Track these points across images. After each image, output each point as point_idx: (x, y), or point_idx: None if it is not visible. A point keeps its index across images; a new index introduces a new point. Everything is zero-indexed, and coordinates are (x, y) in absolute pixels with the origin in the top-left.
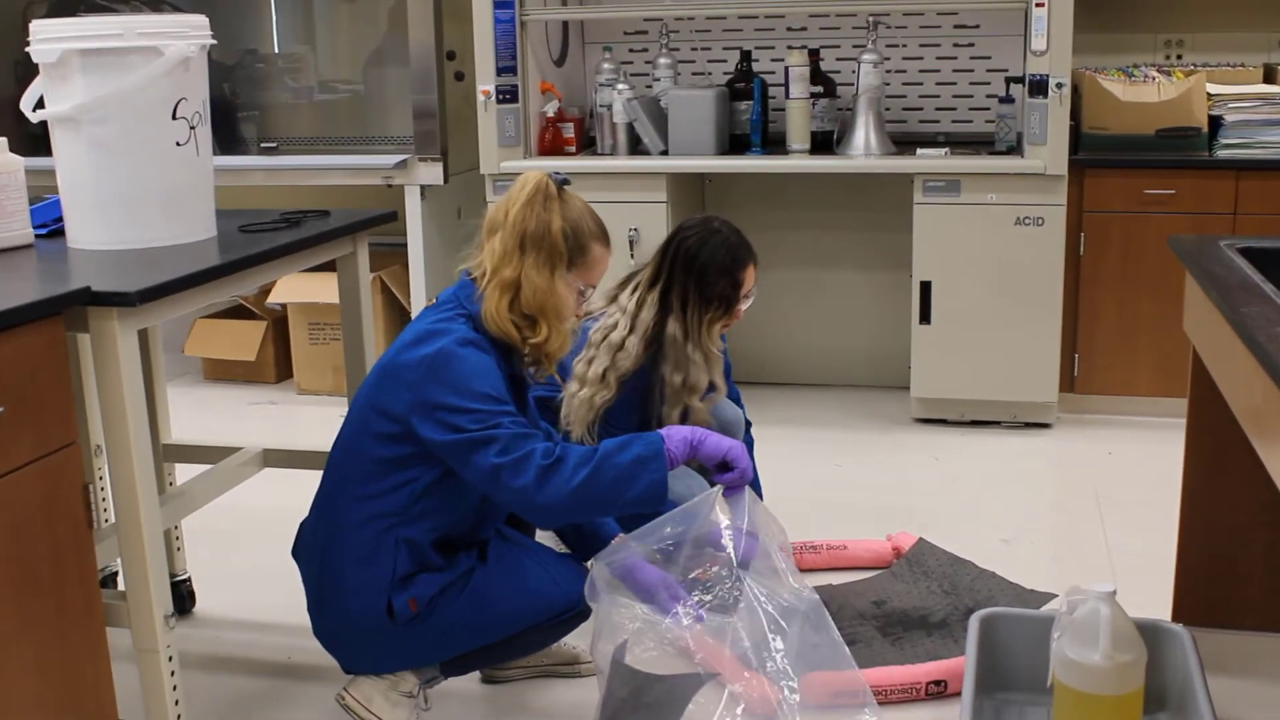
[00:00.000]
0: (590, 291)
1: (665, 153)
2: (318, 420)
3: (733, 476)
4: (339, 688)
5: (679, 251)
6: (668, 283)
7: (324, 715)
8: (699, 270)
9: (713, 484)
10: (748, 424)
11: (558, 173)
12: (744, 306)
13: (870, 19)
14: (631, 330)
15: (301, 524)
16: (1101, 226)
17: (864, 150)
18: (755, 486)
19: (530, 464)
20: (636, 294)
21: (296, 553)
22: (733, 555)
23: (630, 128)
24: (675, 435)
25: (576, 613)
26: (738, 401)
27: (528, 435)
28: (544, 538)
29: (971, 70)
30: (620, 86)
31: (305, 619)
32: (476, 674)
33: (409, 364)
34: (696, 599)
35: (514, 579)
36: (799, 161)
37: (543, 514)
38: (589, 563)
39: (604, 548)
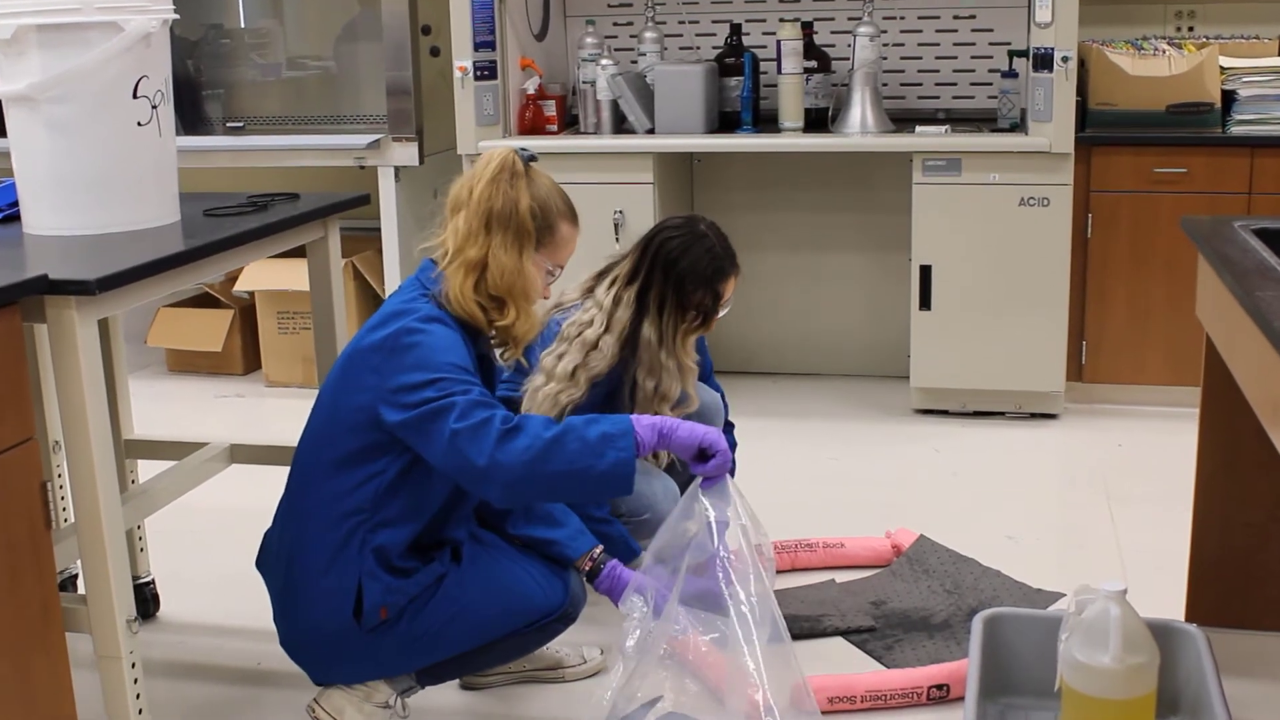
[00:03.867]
0: (559, 271)
1: (651, 131)
2: (287, 414)
3: (712, 466)
4: (310, 697)
5: (660, 252)
6: (646, 282)
7: None
8: (678, 276)
9: (694, 476)
10: (730, 425)
11: (524, 149)
12: (721, 314)
13: None
14: (607, 329)
15: (266, 534)
16: (1110, 207)
17: (860, 128)
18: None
19: (488, 430)
20: (614, 290)
21: (261, 564)
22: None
23: (615, 105)
24: (643, 420)
25: (558, 617)
26: (722, 396)
27: (488, 404)
28: None
29: (973, 43)
30: (604, 62)
31: (273, 625)
32: (455, 682)
33: (370, 348)
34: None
35: (491, 581)
36: (792, 140)
37: (498, 487)
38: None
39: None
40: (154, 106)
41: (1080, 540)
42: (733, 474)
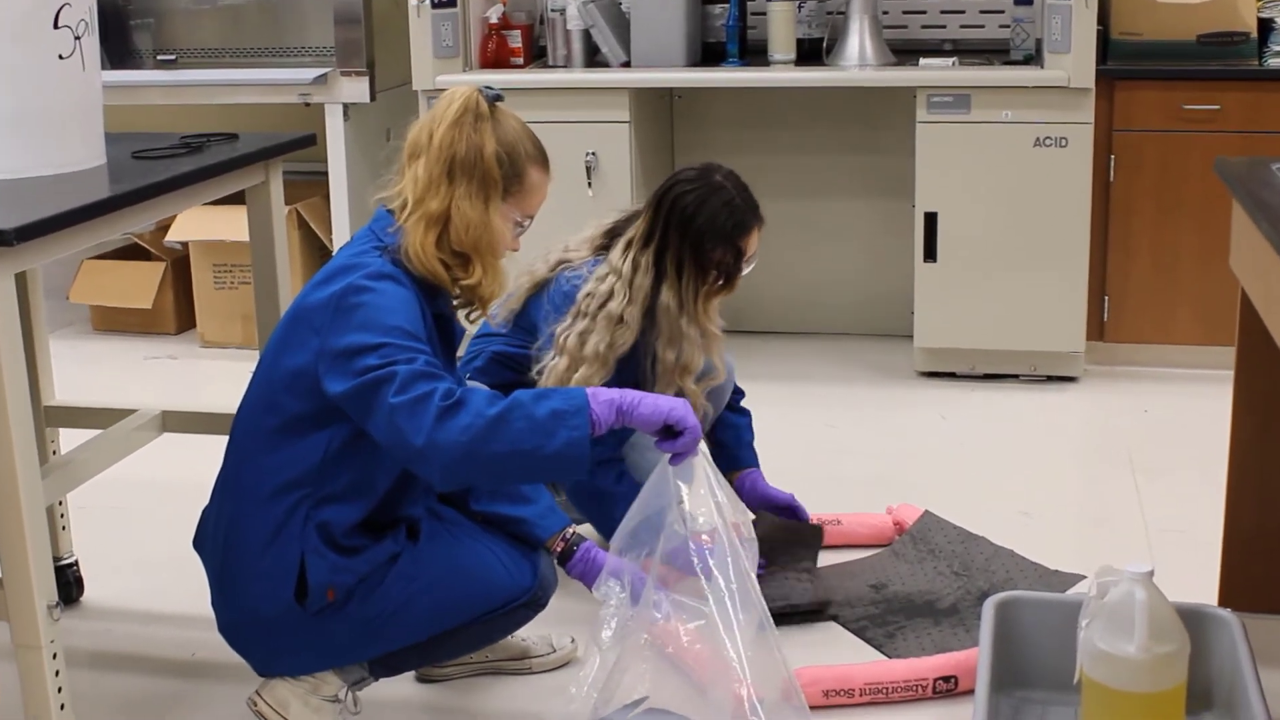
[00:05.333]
0: (528, 222)
1: (627, 64)
2: (225, 377)
3: (681, 443)
4: (253, 690)
5: (674, 208)
6: (662, 243)
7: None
8: (695, 234)
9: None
10: (740, 392)
11: (489, 87)
12: (746, 272)
13: None
14: (630, 299)
15: (204, 511)
16: (1134, 148)
17: (858, 60)
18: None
19: (426, 407)
20: (630, 254)
21: (198, 543)
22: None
23: (586, 35)
24: (600, 395)
25: (526, 602)
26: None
27: (431, 375)
28: None
29: None
30: None
31: (210, 610)
32: (410, 674)
33: (316, 306)
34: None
35: (451, 562)
36: (783, 74)
37: (436, 469)
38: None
39: None
40: (77, 38)
41: (1102, 516)
42: (751, 443)
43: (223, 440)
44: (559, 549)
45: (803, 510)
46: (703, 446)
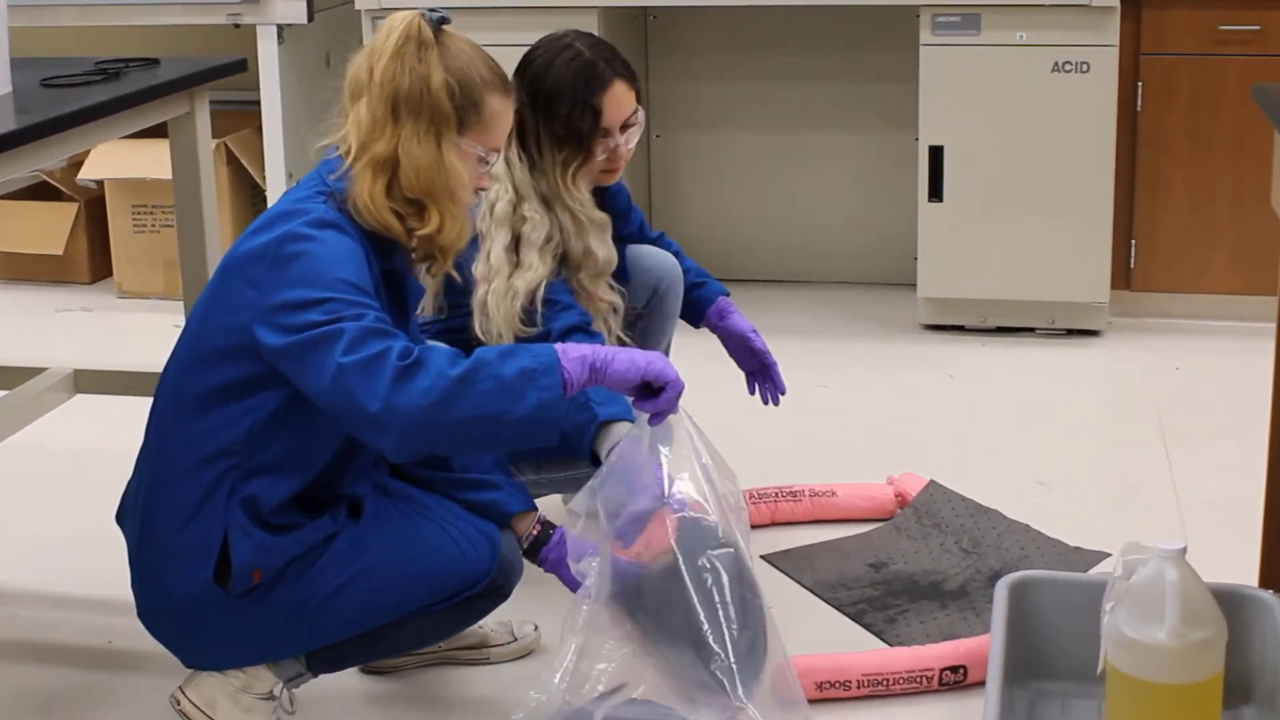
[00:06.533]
0: (494, 157)
1: None
2: (145, 331)
3: (662, 400)
4: (176, 684)
5: (524, 80)
6: (521, 126)
7: (159, 717)
8: (545, 100)
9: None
10: (702, 279)
11: (433, 10)
12: (622, 143)
13: None
14: (519, 195)
15: (129, 482)
16: (1164, 74)
17: None
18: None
19: (382, 367)
20: (506, 151)
21: (120, 518)
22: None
23: None
24: (571, 352)
25: (484, 590)
26: (678, 254)
27: (384, 332)
28: None
29: None
30: None
31: (131, 593)
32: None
33: (250, 255)
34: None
35: (397, 542)
36: None
37: (393, 436)
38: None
39: None
40: None
41: (1129, 487)
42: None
43: (143, 403)
44: (535, 533)
45: (765, 353)
46: (686, 408)
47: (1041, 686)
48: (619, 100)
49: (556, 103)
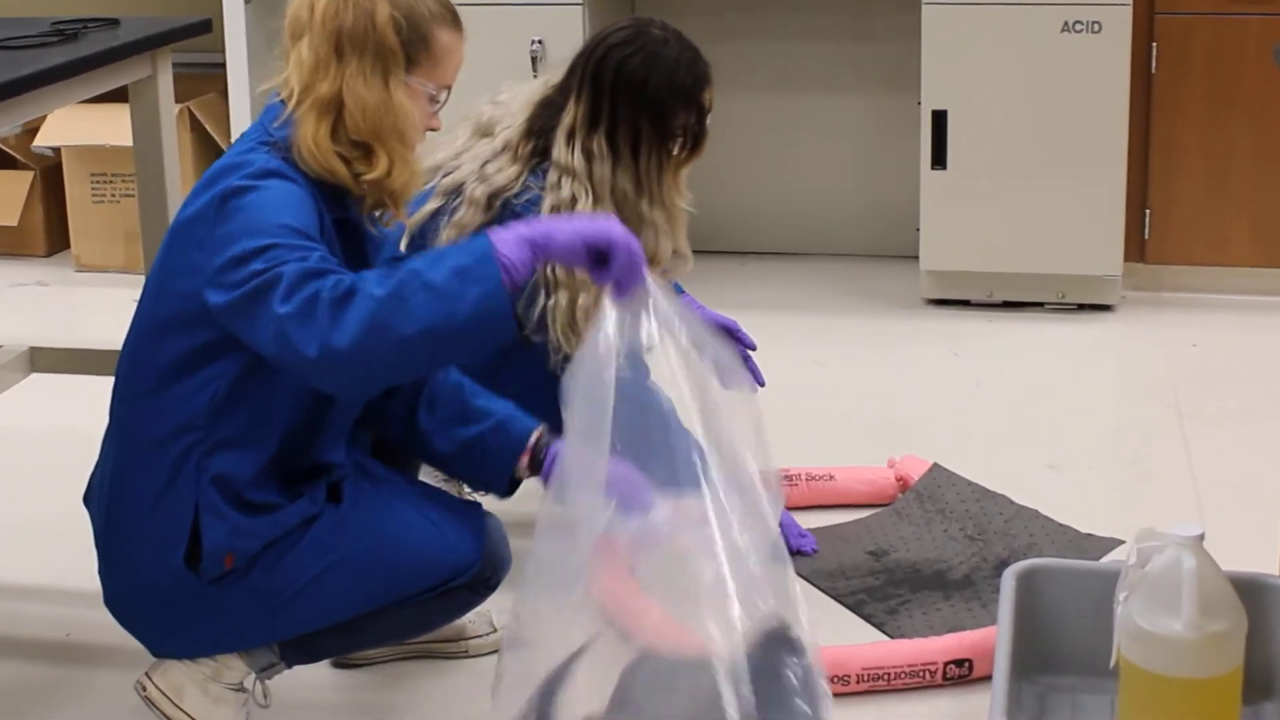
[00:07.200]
0: (444, 95)
1: None
2: (105, 307)
3: (617, 268)
4: (140, 672)
5: (619, 78)
6: (612, 122)
7: (120, 714)
8: (652, 102)
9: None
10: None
11: None
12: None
13: None
14: (596, 195)
15: (96, 463)
16: (1181, 33)
17: None
18: None
19: (316, 307)
20: (576, 144)
21: (88, 500)
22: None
23: None
24: (504, 234)
25: (469, 582)
26: None
27: (321, 271)
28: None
29: None
30: None
31: (92, 582)
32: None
33: (194, 216)
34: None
35: (378, 528)
36: None
37: (342, 376)
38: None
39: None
40: None
41: (1143, 470)
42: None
43: (103, 382)
44: (539, 455)
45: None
46: (655, 282)
47: (1051, 681)
48: (712, 95)
49: (668, 103)
